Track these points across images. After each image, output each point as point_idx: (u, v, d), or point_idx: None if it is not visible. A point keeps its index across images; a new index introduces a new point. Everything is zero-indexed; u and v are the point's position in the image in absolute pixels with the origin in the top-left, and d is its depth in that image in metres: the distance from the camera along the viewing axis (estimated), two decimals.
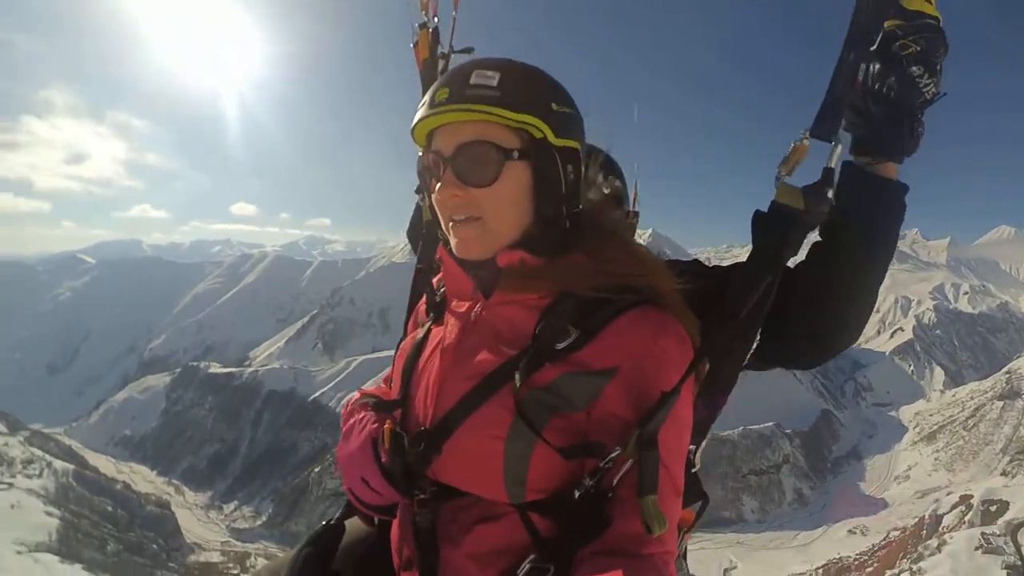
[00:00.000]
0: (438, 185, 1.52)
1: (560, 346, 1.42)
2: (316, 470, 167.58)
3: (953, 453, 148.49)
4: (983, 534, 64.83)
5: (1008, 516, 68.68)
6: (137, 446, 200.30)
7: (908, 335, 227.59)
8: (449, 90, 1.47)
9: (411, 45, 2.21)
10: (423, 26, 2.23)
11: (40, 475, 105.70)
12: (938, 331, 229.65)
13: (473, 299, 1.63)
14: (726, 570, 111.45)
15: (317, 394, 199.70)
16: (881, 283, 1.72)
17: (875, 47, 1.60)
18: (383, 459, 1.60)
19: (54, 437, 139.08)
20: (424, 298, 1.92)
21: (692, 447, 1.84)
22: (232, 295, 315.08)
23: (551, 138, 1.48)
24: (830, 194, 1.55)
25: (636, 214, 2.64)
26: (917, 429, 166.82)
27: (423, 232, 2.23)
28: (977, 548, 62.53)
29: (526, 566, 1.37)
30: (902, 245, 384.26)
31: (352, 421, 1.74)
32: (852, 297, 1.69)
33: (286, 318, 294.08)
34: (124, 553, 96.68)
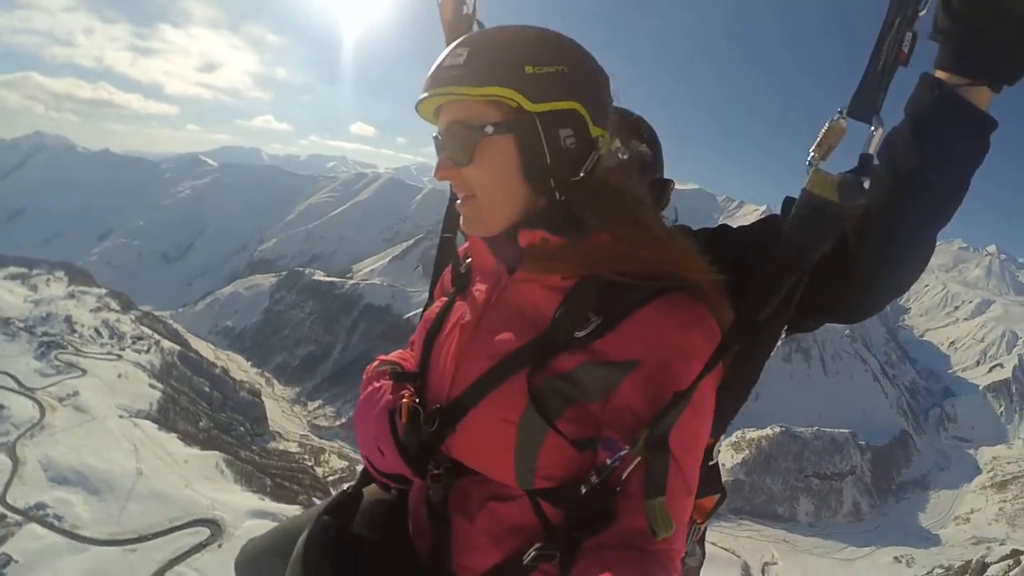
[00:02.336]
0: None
1: (580, 334, 1.37)
2: None
3: (1020, 508, 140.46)
4: None
5: None
6: (236, 337, 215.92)
7: (1007, 373, 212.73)
8: (429, 75, 1.46)
9: (437, 4, 2.11)
10: None
11: (148, 351, 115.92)
12: None
13: (496, 274, 1.60)
14: (766, 563, 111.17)
15: (412, 313, 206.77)
16: (943, 227, 1.48)
17: None
18: (399, 432, 1.58)
19: (162, 319, 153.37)
20: (450, 267, 1.89)
21: (711, 440, 1.78)
22: (343, 210, 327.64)
23: (526, 105, 1.39)
24: (867, 184, 1.35)
25: (670, 183, 2.43)
26: (991, 473, 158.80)
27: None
28: None
29: (532, 552, 1.38)
30: (1021, 275, 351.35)
31: (370, 389, 1.70)
32: (916, 241, 1.48)
33: (392, 238, 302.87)
34: (214, 430, 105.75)
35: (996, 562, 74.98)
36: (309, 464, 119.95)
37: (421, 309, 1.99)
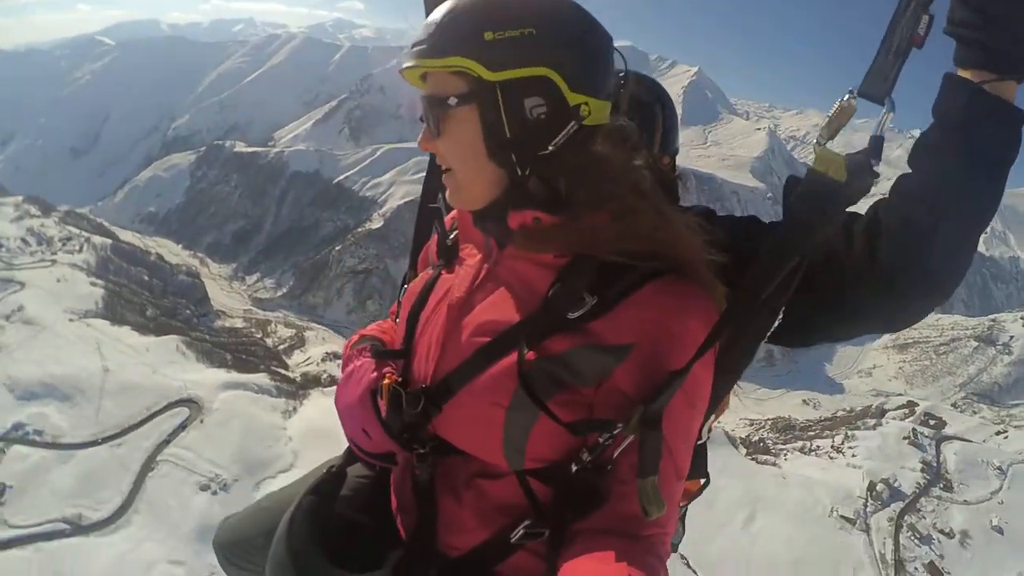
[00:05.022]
0: None
1: (573, 315, 1.32)
2: (337, 248, 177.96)
3: (917, 369, 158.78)
4: (915, 430, 75.23)
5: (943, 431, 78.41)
6: (162, 222, 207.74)
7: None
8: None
9: None
10: None
11: (80, 250, 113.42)
12: None
13: (486, 249, 1.54)
14: None
15: (341, 177, 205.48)
16: (984, 230, 1.40)
17: None
18: (382, 413, 1.57)
19: (85, 216, 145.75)
20: (435, 238, 1.80)
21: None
22: (257, 75, 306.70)
23: (484, 74, 1.31)
24: (877, 167, 1.30)
25: (670, 160, 2.28)
26: (893, 336, 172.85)
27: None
28: (905, 438, 73.14)
29: (520, 531, 1.37)
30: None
31: (351, 368, 1.69)
32: (960, 248, 1.38)
33: (312, 101, 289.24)
34: (161, 317, 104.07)
35: (893, 409, 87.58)
36: (258, 336, 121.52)
37: (402, 281, 1.96)
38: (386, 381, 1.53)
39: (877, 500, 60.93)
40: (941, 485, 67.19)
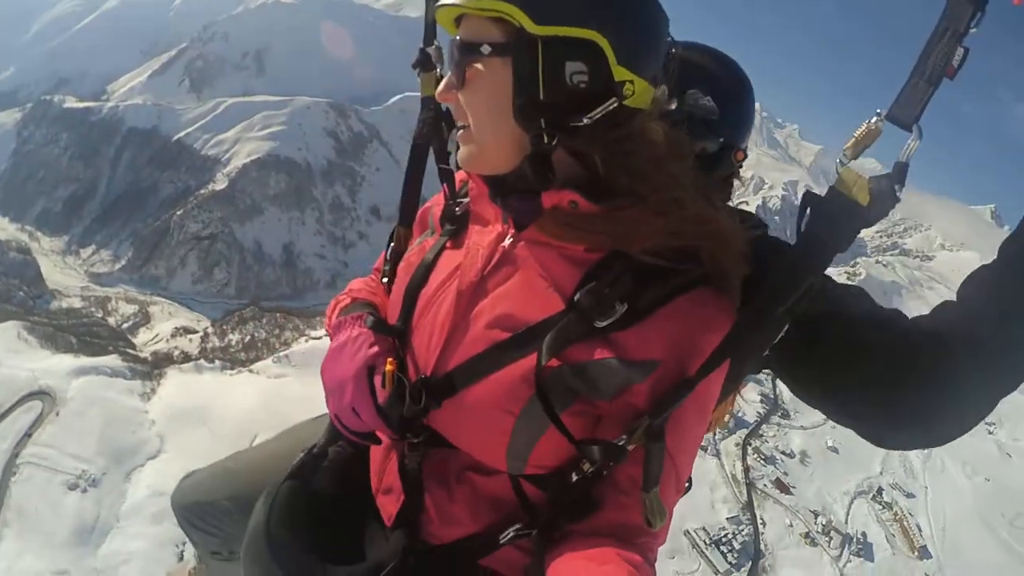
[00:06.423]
0: None
1: (601, 324, 1.23)
2: (178, 213, 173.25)
3: None
4: None
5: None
6: None
7: (751, 210, 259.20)
8: None
9: None
10: None
11: None
12: (777, 218, 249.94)
13: (502, 228, 1.41)
14: None
15: (182, 134, 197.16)
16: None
17: None
18: (380, 399, 1.43)
19: None
20: (442, 200, 1.66)
21: None
22: (90, 21, 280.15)
23: (528, 26, 1.18)
24: (900, 193, 1.25)
25: (743, 155, 2.11)
26: None
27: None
28: None
29: (510, 533, 1.35)
30: (778, 134, 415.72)
31: (344, 338, 1.53)
32: (978, 403, 1.40)
33: (150, 50, 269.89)
34: None
35: None
36: (100, 316, 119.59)
37: (389, 237, 1.81)
38: (389, 368, 1.42)
39: (724, 428, 69.83)
40: (779, 414, 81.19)
